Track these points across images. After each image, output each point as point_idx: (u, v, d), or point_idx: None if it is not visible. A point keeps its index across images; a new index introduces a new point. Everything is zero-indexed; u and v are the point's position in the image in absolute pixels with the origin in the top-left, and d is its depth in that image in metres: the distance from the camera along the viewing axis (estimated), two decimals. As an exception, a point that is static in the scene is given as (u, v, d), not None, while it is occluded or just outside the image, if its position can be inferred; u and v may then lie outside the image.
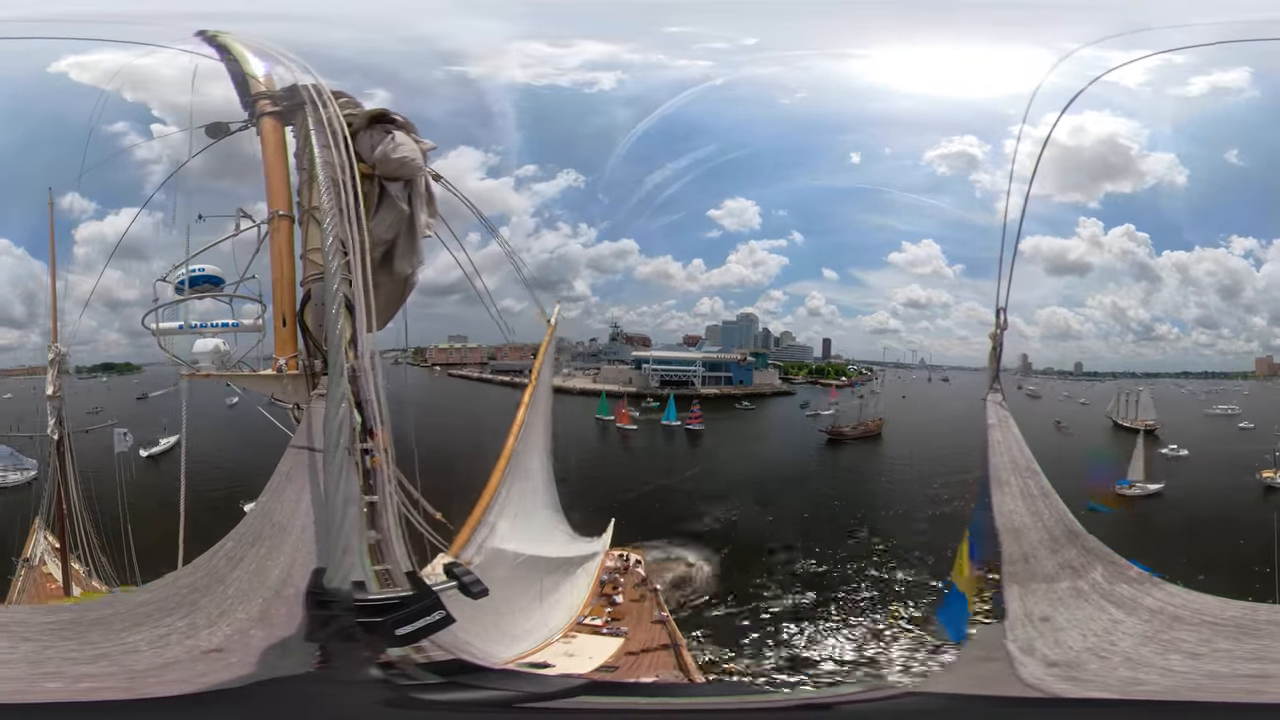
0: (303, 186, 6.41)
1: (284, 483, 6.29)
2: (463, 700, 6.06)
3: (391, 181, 5.85)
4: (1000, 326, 6.02)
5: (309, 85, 6.07)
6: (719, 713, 5.94)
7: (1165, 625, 6.40)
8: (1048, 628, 6.23)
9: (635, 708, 5.84)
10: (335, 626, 6.21)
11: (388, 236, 6.05)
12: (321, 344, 6.14)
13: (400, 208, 5.90)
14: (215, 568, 6.31)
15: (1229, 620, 6.32)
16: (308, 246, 6.39)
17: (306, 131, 6.10)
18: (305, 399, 6.30)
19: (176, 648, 6.22)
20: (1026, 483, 6.15)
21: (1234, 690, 6.26)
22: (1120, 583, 6.20)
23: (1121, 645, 6.33)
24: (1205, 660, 6.39)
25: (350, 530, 6.15)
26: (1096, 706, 6.19)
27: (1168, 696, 6.22)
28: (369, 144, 5.94)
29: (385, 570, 6.16)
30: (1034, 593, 6.09)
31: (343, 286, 6.02)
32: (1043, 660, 6.15)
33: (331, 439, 6.08)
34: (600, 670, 8.09)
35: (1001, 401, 6.07)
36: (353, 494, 6.16)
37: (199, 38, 6.44)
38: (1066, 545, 6.17)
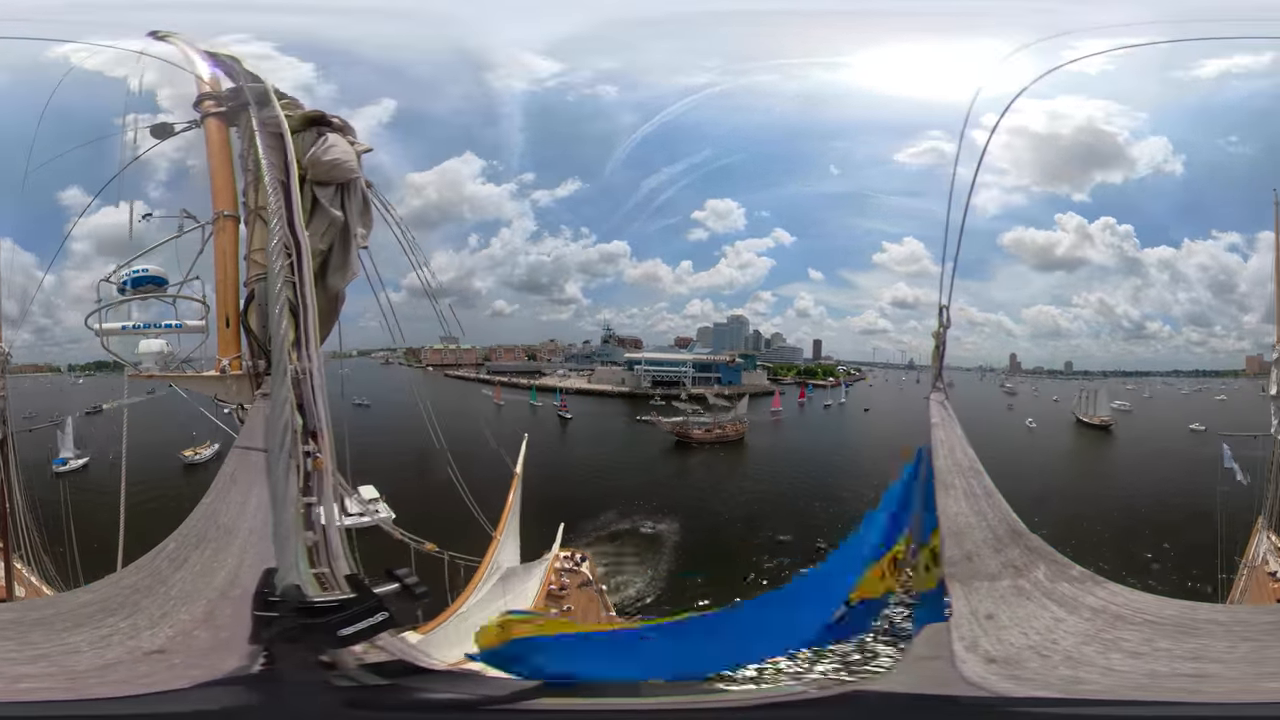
0: (247, 187, 6.59)
1: (229, 484, 6.48)
2: (413, 702, 6.21)
3: (323, 186, 6.00)
4: (943, 325, 6.22)
5: (253, 86, 6.23)
6: (673, 712, 6.11)
7: (1108, 624, 6.59)
8: (991, 625, 6.42)
9: (591, 708, 6.01)
10: (280, 628, 6.35)
11: (322, 246, 6.21)
12: (265, 345, 6.31)
13: (333, 214, 6.04)
14: (158, 568, 6.49)
15: (1169, 619, 6.54)
16: (252, 247, 6.56)
17: (251, 132, 6.26)
18: (249, 400, 6.46)
19: (118, 648, 6.38)
20: (970, 483, 6.36)
21: (1173, 690, 6.46)
22: (1062, 581, 6.42)
23: (1063, 644, 6.52)
24: (1146, 659, 6.59)
25: (291, 531, 6.32)
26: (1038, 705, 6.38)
27: (1108, 695, 6.43)
28: (302, 147, 6.10)
29: (324, 572, 6.31)
30: (977, 590, 6.29)
31: (286, 288, 6.19)
32: (985, 657, 6.34)
33: (275, 441, 6.26)
34: None
35: (944, 401, 6.26)
36: (295, 495, 6.33)
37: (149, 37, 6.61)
38: (1010, 545, 6.38)
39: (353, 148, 6.27)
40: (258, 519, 6.27)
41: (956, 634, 6.35)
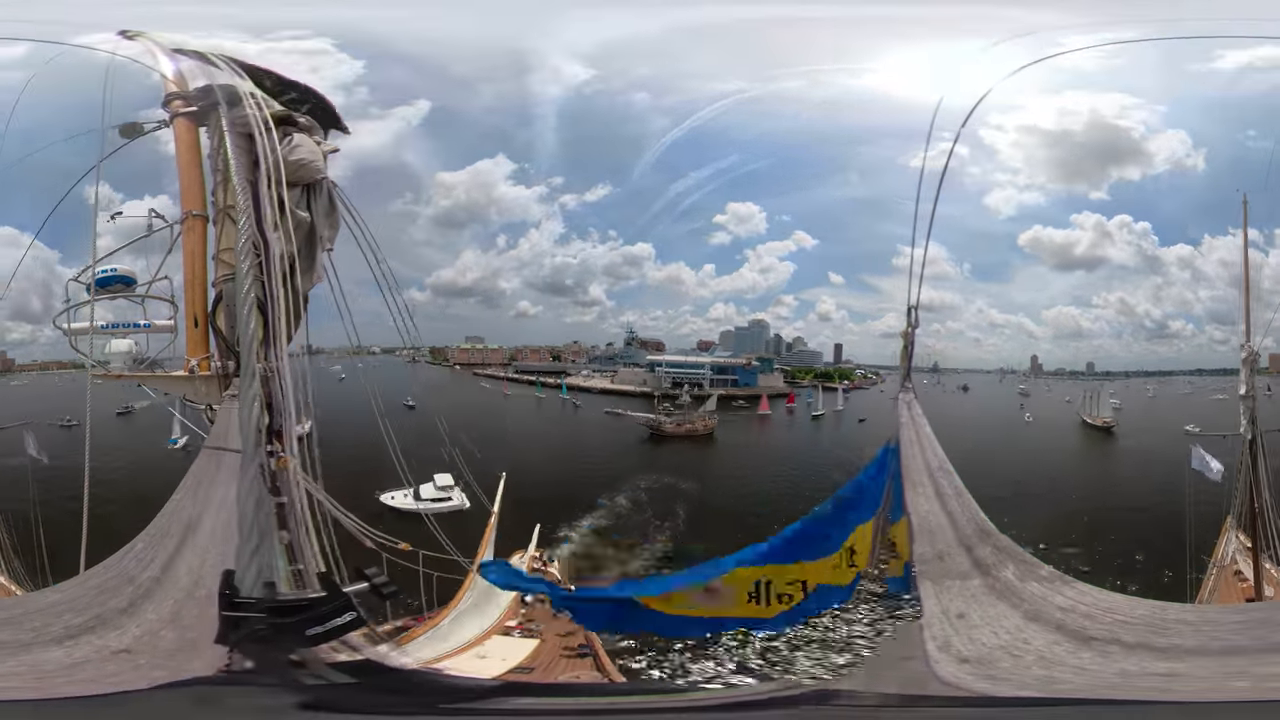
0: (216, 187, 6.64)
1: (195, 483, 6.52)
2: (376, 703, 6.27)
3: (289, 187, 6.05)
4: (911, 325, 6.28)
5: (222, 85, 6.28)
6: (636, 712, 6.18)
7: (1077, 624, 6.65)
8: (963, 624, 6.48)
9: (551, 708, 6.07)
10: (246, 628, 6.39)
11: (289, 248, 6.25)
12: (234, 345, 6.36)
13: (299, 215, 6.09)
14: (125, 568, 6.54)
15: (1139, 619, 6.60)
16: (220, 247, 6.62)
17: (220, 132, 6.31)
18: (217, 400, 6.51)
19: (86, 648, 6.42)
20: (940, 482, 6.42)
21: (1145, 689, 6.52)
22: (1031, 581, 6.47)
23: (1035, 644, 6.59)
24: (1116, 659, 6.65)
25: (260, 531, 6.36)
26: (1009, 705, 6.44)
27: (1082, 694, 6.49)
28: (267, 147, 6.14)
29: (296, 571, 6.36)
30: (949, 590, 6.35)
31: (254, 288, 6.23)
32: (958, 657, 6.40)
33: (246, 440, 6.31)
34: (516, 671, 8.33)
35: (912, 401, 6.33)
36: (264, 495, 6.37)
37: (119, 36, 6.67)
38: (979, 544, 6.45)
39: (319, 148, 6.32)
40: (221, 519, 6.32)
41: (929, 634, 6.41)
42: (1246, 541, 13.50)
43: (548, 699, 6.15)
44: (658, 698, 6.13)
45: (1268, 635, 6.71)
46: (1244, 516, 13.24)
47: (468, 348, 59.04)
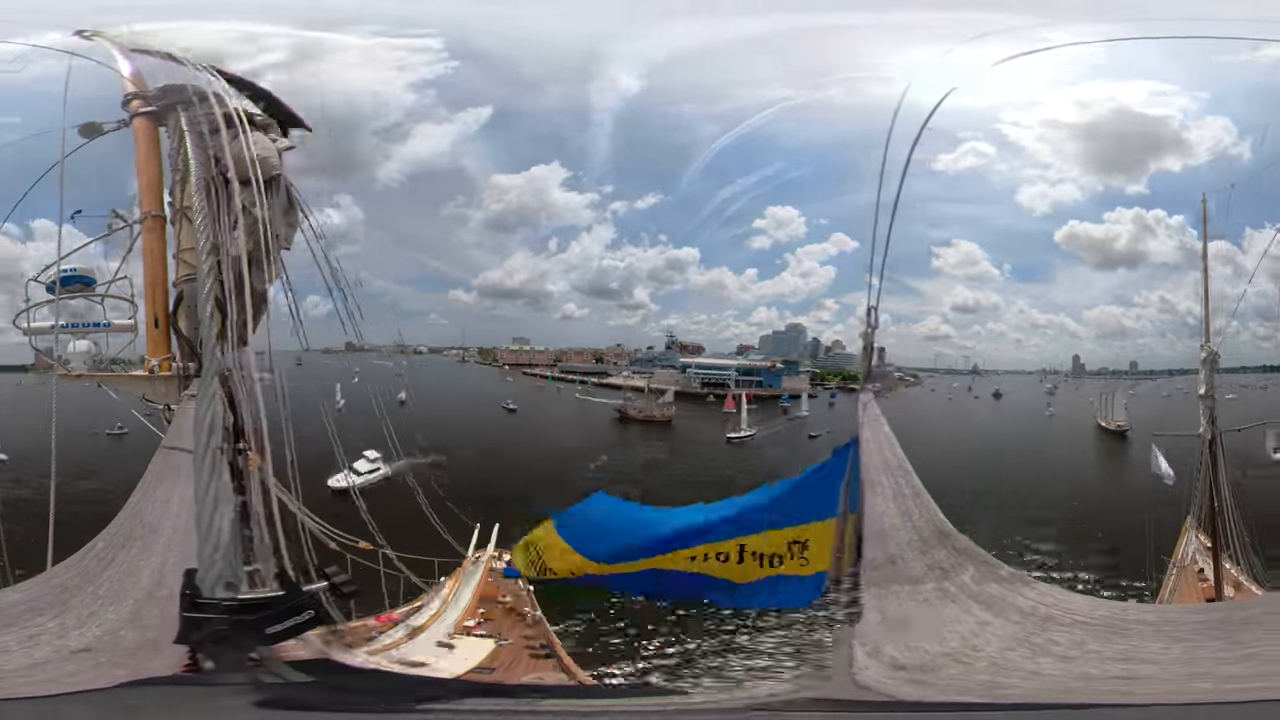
0: (174, 187, 6.71)
1: (154, 483, 6.63)
2: (335, 701, 6.35)
3: (246, 185, 6.13)
4: (871, 325, 6.35)
5: (182, 85, 6.37)
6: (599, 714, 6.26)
7: (1037, 626, 6.68)
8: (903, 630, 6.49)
9: (511, 709, 6.15)
10: (206, 627, 6.48)
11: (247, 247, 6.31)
12: (195, 345, 6.44)
13: (255, 214, 6.17)
14: (87, 568, 6.64)
15: (1100, 620, 6.64)
16: (181, 247, 6.70)
17: (180, 132, 6.39)
18: (176, 400, 6.60)
19: (46, 648, 6.51)
20: (898, 483, 6.48)
21: (1106, 691, 6.55)
22: (990, 583, 6.51)
23: (987, 649, 6.59)
24: (1077, 662, 6.68)
25: (220, 531, 6.45)
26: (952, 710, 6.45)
27: (1043, 698, 6.52)
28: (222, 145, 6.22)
29: (255, 570, 6.45)
30: (895, 595, 6.39)
31: (215, 287, 6.31)
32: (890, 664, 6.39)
33: (202, 440, 6.39)
34: (476, 671, 8.43)
35: (871, 400, 6.40)
36: (224, 494, 6.45)
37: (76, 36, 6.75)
38: (936, 546, 6.49)
39: (274, 145, 6.38)
40: (181, 518, 6.41)
41: (858, 640, 6.40)
42: (1206, 541, 13.54)
43: (507, 700, 6.23)
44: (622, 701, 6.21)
45: (1229, 635, 6.76)
46: (1204, 516, 13.30)
47: (515, 349, 63.44)
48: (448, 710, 6.00)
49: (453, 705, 6.06)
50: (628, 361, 62.28)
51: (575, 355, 61.73)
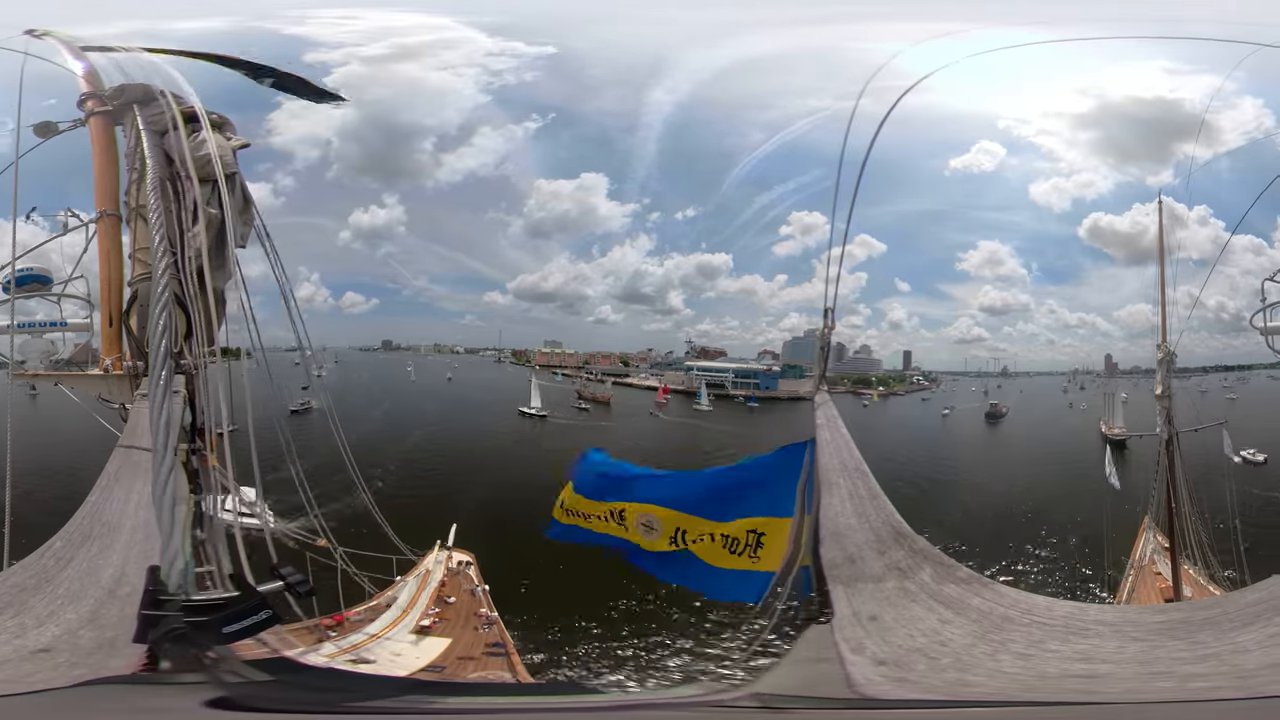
0: (131, 186, 6.80)
1: (112, 482, 6.73)
2: (290, 700, 6.46)
3: (200, 184, 6.21)
4: (828, 326, 6.42)
5: (135, 84, 6.44)
6: (545, 712, 6.35)
7: (995, 626, 6.78)
8: (875, 627, 6.62)
9: (460, 707, 6.24)
10: (163, 627, 6.58)
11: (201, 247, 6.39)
12: (144, 344, 6.54)
13: (209, 212, 6.25)
14: (44, 567, 6.74)
15: (1059, 620, 6.73)
16: (136, 246, 6.79)
17: (136, 131, 6.48)
18: (129, 399, 6.70)
19: (4, 648, 6.63)
20: (855, 484, 6.56)
21: (1067, 690, 6.64)
22: (949, 583, 6.60)
23: (952, 646, 6.71)
24: (1035, 661, 6.77)
25: (177, 530, 6.55)
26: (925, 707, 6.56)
27: (998, 697, 6.61)
28: (177, 143, 6.31)
29: (211, 570, 6.56)
30: (861, 593, 6.49)
31: (171, 285, 6.40)
32: (872, 659, 6.53)
33: (158, 439, 6.48)
34: (427, 670, 8.56)
35: (828, 401, 6.47)
36: (180, 494, 6.55)
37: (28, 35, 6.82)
38: (894, 547, 6.58)
39: (229, 143, 6.46)
40: (140, 517, 6.51)
41: (840, 636, 6.55)
42: (1164, 542, 13.61)
43: (458, 698, 6.33)
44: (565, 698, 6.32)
45: (1189, 635, 6.84)
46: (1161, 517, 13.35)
47: (546, 351, 68.20)
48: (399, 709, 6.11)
49: (404, 703, 6.16)
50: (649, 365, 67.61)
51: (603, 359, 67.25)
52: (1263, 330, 10.24)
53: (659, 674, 7.39)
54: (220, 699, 6.45)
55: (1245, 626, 6.79)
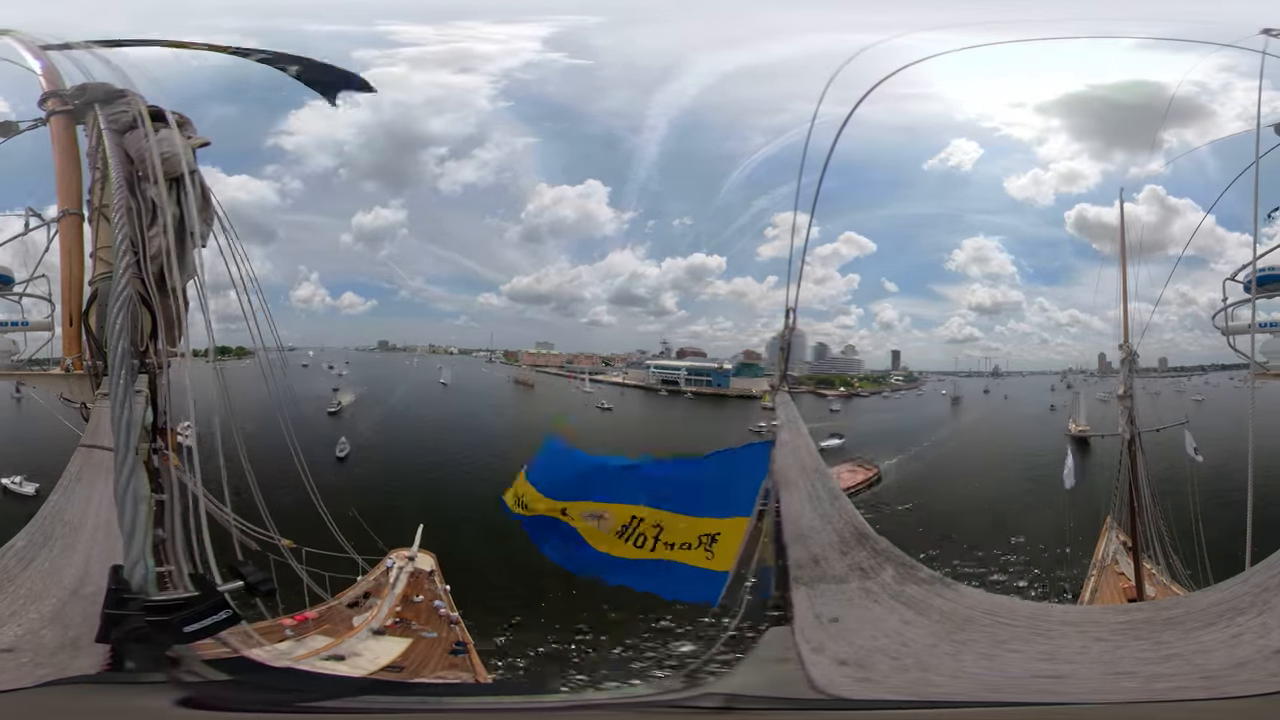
0: (93, 185, 6.90)
1: (74, 482, 6.84)
2: (249, 700, 6.56)
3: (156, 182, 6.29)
4: (789, 327, 6.51)
5: (99, 83, 6.54)
6: (503, 712, 6.46)
7: (957, 626, 6.87)
8: (837, 628, 6.71)
9: (419, 707, 6.34)
10: (125, 626, 6.68)
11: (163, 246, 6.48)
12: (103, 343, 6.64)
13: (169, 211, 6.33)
14: (6, 567, 6.86)
15: (1022, 620, 6.82)
16: (97, 245, 6.89)
17: (98, 130, 6.57)
18: (90, 399, 6.80)
19: (-33, 649, 6.71)
20: (814, 485, 6.65)
21: (1032, 690, 6.74)
22: (910, 584, 6.70)
23: (914, 646, 6.81)
24: (999, 661, 6.86)
25: (139, 530, 6.65)
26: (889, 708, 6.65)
27: (961, 698, 6.69)
28: (135, 143, 6.40)
29: (171, 570, 6.66)
30: (822, 594, 6.58)
31: (131, 285, 6.49)
32: (833, 659, 6.62)
33: (119, 439, 6.58)
34: (386, 670, 8.68)
35: (788, 401, 6.56)
36: (142, 493, 6.65)
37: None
38: (856, 547, 6.68)
39: (189, 142, 6.55)
40: (102, 517, 6.62)
41: (802, 637, 6.64)
42: (1127, 541, 13.72)
43: (418, 698, 6.44)
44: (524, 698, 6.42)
45: (1152, 635, 6.93)
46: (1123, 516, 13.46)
47: (535, 351, 74.27)
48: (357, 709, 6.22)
49: (362, 703, 6.27)
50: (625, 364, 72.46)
51: (585, 359, 73.40)
52: (1224, 330, 10.33)
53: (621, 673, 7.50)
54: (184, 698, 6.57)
55: (1208, 626, 6.88)
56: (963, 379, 63.16)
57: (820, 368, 69.06)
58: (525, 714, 6.24)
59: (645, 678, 7.23)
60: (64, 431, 7.22)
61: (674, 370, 68.38)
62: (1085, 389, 50.77)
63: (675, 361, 68.48)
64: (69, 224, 7.06)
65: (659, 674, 7.30)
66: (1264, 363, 9.97)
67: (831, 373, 69.62)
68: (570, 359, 73.24)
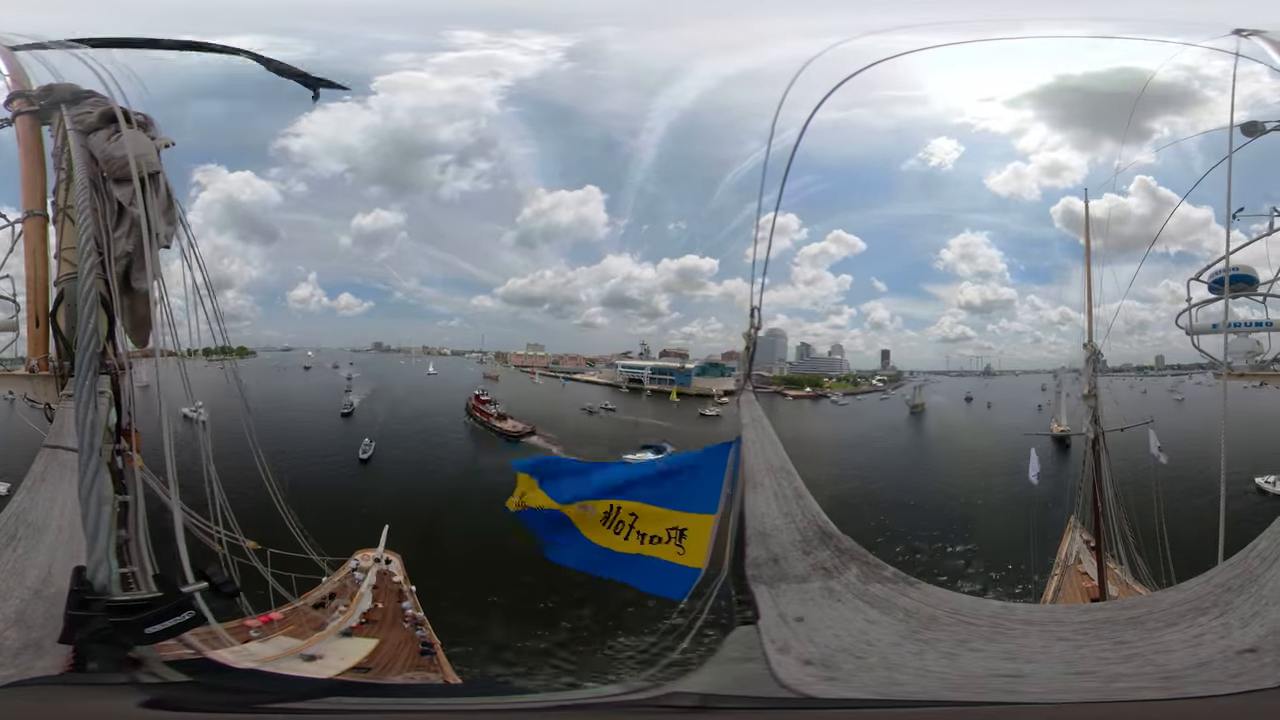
0: (58, 186, 6.99)
1: (38, 482, 6.90)
2: (213, 702, 6.63)
3: (122, 183, 6.39)
4: (754, 326, 6.63)
5: (66, 84, 6.63)
6: (471, 713, 6.54)
7: (921, 625, 6.97)
8: (802, 628, 6.80)
9: (385, 708, 6.41)
10: (89, 628, 6.75)
11: (128, 248, 6.58)
12: (72, 344, 6.71)
13: (132, 212, 6.42)
14: (-32, 568, 6.89)
15: (985, 619, 6.92)
16: (63, 246, 6.97)
17: (63, 131, 6.65)
18: (55, 399, 6.87)
19: (-72, 651, 6.75)
20: (780, 484, 6.76)
21: (993, 690, 6.84)
22: (874, 583, 6.80)
23: (878, 646, 6.90)
24: (962, 660, 6.96)
25: (102, 531, 6.72)
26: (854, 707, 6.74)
27: (925, 696, 6.79)
28: (100, 144, 6.49)
29: (134, 571, 6.74)
30: (785, 594, 6.67)
31: (97, 285, 6.58)
32: (799, 659, 6.71)
33: (84, 440, 6.66)
34: (353, 671, 8.77)
35: (752, 400, 6.67)
36: (106, 494, 6.72)
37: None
38: (819, 546, 6.77)
39: (153, 142, 6.64)
40: (66, 517, 6.68)
41: (767, 637, 6.72)
42: (1090, 540, 13.89)
43: (385, 699, 6.51)
44: (492, 699, 6.49)
45: (1114, 635, 7.05)
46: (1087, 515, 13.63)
47: (524, 353, 76.77)
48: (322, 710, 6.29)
49: (327, 704, 6.34)
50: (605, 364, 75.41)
51: (569, 359, 76.33)
52: (1188, 330, 10.51)
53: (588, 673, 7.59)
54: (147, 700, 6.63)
55: (1169, 626, 7.01)
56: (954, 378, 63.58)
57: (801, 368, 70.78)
58: (494, 714, 6.32)
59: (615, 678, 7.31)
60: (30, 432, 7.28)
61: (639, 370, 72.19)
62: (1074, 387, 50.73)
63: (641, 362, 72.10)
64: (33, 225, 7.15)
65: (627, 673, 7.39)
66: (1231, 363, 10.12)
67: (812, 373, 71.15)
68: (555, 360, 76.34)
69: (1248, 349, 10.35)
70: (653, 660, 6.68)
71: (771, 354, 69.85)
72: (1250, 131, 9.17)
